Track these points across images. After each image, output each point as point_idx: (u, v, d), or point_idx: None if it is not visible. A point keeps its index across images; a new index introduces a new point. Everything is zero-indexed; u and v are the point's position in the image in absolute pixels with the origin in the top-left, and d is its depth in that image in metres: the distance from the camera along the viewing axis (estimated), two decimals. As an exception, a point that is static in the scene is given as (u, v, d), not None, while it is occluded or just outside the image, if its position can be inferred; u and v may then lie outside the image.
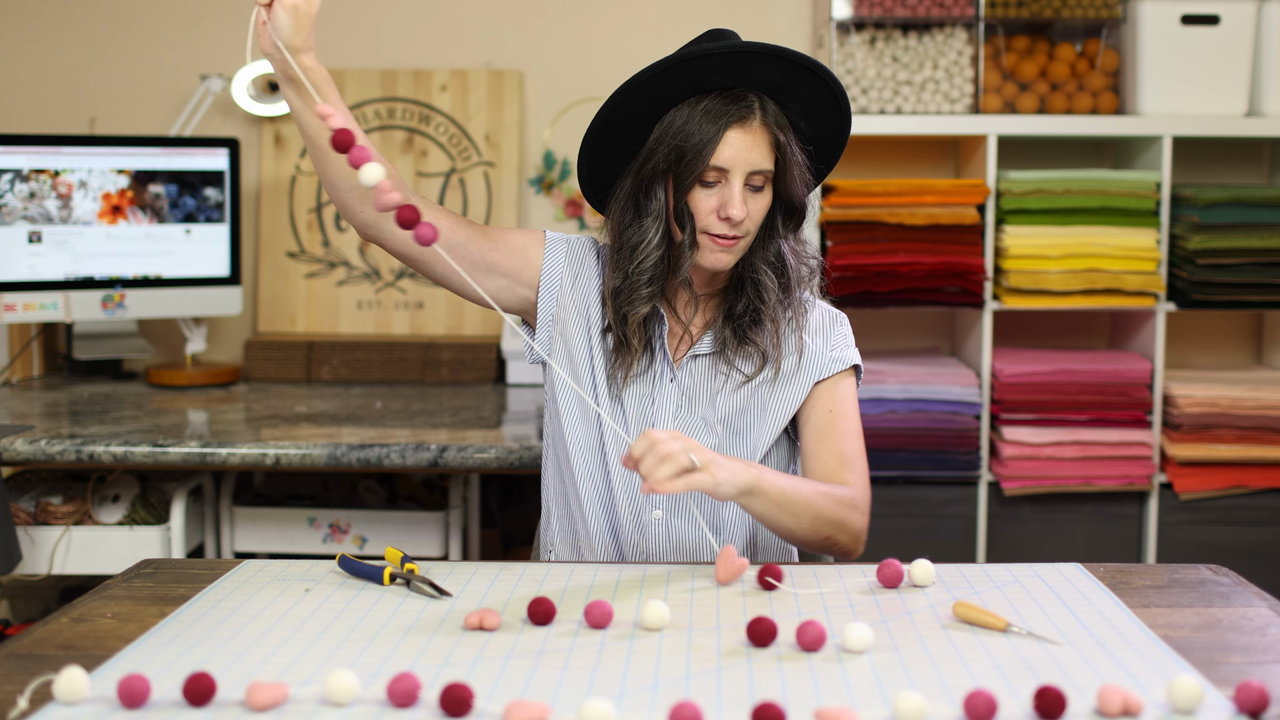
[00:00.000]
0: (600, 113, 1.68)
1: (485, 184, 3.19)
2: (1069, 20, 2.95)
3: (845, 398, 1.76)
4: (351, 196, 1.65)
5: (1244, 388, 2.89)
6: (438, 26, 3.23)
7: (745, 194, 1.64)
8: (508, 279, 1.75)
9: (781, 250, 1.73)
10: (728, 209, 1.62)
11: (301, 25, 1.52)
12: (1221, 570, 1.52)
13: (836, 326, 1.80)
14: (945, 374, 2.89)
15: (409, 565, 1.47)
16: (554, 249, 1.78)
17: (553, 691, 1.15)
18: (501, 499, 2.99)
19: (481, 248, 1.72)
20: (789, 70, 1.64)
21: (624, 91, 1.65)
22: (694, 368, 1.74)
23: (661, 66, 1.63)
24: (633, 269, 1.69)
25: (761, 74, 1.64)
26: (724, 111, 1.63)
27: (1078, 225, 2.85)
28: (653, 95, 1.66)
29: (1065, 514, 2.91)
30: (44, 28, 3.23)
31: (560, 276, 1.77)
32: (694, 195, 1.65)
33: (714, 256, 1.66)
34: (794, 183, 1.67)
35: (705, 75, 1.64)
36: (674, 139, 1.64)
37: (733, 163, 1.63)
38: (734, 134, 1.63)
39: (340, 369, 3.03)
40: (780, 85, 1.66)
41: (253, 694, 1.10)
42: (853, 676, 1.18)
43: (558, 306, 1.76)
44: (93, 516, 2.47)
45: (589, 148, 1.72)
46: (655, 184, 1.66)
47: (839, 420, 1.74)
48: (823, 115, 1.70)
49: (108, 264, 2.92)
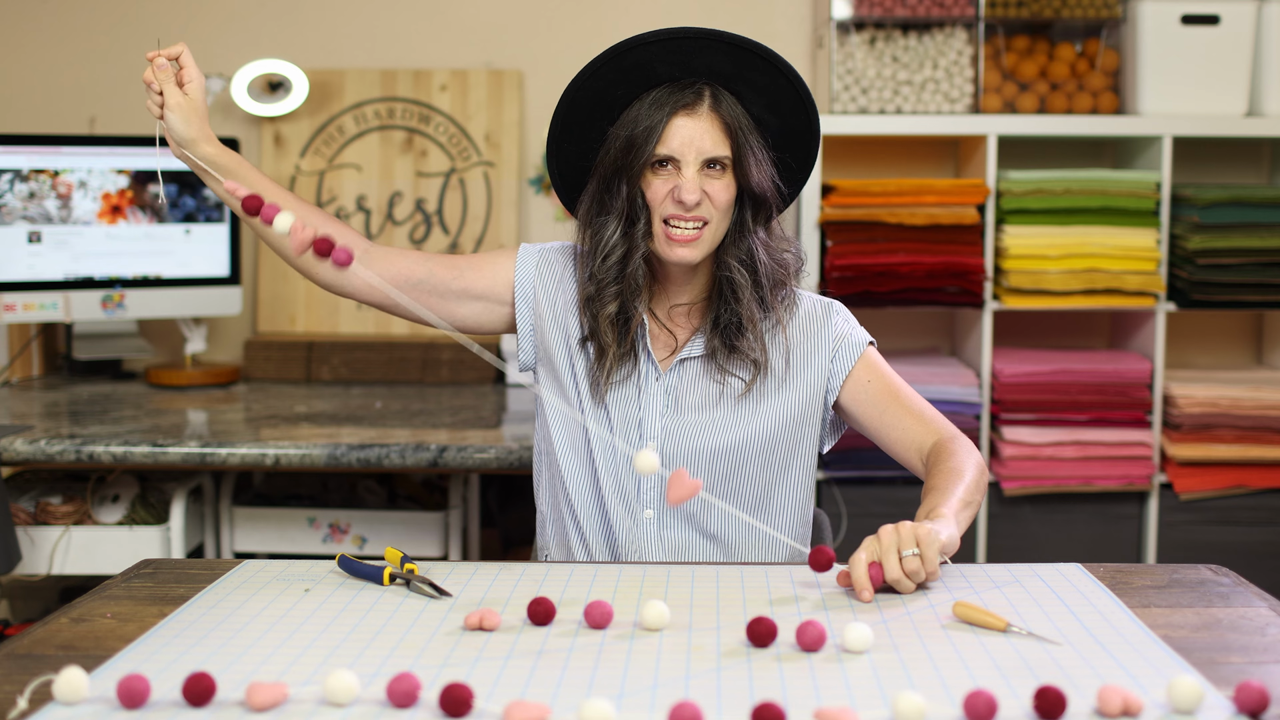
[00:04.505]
0: (556, 115, 1.70)
1: (485, 184, 3.19)
2: (1069, 20, 2.95)
3: (876, 368, 1.74)
4: (303, 263, 1.72)
5: (1244, 388, 2.89)
6: (438, 26, 3.23)
7: (702, 180, 1.64)
8: (482, 301, 1.77)
9: (753, 247, 1.70)
10: (680, 193, 1.62)
11: (191, 120, 1.63)
12: (1221, 570, 1.52)
13: (831, 316, 1.77)
14: (945, 374, 2.89)
15: (409, 565, 1.47)
16: (524, 261, 1.78)
17: (553, 691, 1.15)
18: (501, 499, 2.99)
19: (445, 277, 1.75)
20: (735, 56, 1.64)
21: (573, 89, 1.68)
22: (683, 371, 1.73)
23: (602, 60, 1.65)
24: (597, 266, 1.70)
25: (707, 62, 1.65)
26: (669, 99, 1.64)
27: (1078, 225, 2.85)
28: (604, 93, 1.67)
29: (1065, 514, 2.91)
30: (44, 28, 3.23)
31: (533, 286, 1.77)
32: (648, 184, 1.65)
33: (674, 250, 1.65)
34: (752, 172, 1.66)
35: (651, 68, 1.65)
36: (624, 130, 1.65)
37: (682, 150, 1.63)
38: (681, 120, 1.63)
39: (340, 369, 3.03)
40: (730, 74, 1.66)
41: (252, 694, 1.10)
42: (853, 676, 1.18)
43: (535, 316, 1.77)
44: (92, 516, 2.47)
45: (554, 153, 1.74)
46: (614, 180, 1.67)
47: (884, 384, 1.73)
48: (784, 106, 1.69)
49: (107, 264, 2.92)
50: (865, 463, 2.86)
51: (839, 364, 1.74)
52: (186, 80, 1.64)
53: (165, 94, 1.63)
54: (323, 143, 3.20)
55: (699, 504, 1.73)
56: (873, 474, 2.86)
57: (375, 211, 3.19)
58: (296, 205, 1.72)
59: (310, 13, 3.23)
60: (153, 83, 1.63)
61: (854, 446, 2.83)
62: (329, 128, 3.20)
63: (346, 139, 3.20)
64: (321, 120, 3.20)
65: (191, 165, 1.67)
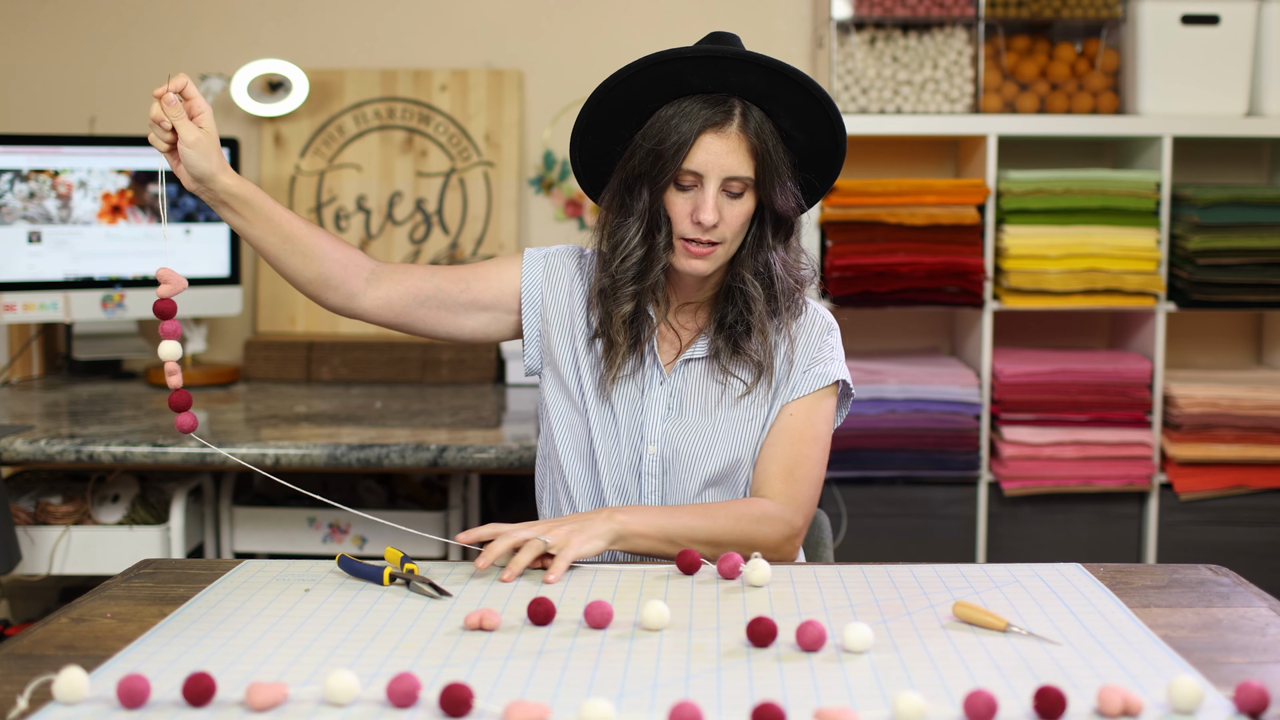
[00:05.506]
0: (582, 112, 1.70)
1: (485, 184, 3.19)
2: (1069, 20, 2.95)
3: (819, 412, 1.73)
4: (314, 289, 1.75)
5: (1244, 388, 2.89)
6: (438, 26, 3.23)
7: (721, 200, 1.63)
8: (490, 312, 1.78)
9: (770, 261, 1.70)
10: (699, 214, 1.62)
11: (209, 153, 1.58)
12: (1221, 570, 1.52)
13: (826, 337, 1.76)
14: (945, 374, 2.89)
15: (409, 565, 1.47)
16: (531, 266, 1.79)
17: (553, 691, 1.15)
18: (501, 499, 2.99)
19: (452, 291, 1.75)
20: (768, 77, 1.63)
21: (602, 91, 1.67)
22: (687, 372, 1.74)
23: (636, 69, 1.64)
24: (616, 267, 1.70)
25: (740, 80, 1.63)
26: (700, 115, 1.62)
27: (1078, 225, 2.85)
28: (633, 95, 1.66)
29: (1065, 514, 2.91)
30: (44, 28, 3.23)
31: (540, 290, 1.77)
32: (670, 198, 1.65)
33: (688, 263, 1.66)
34: (777, 192, 1.65)
35: (683, 77, 1.64)
36: (652, 140, 1.64)
37: (706, 168, 1.62)
38: (709, 138, 1.62)
39: (340, 369, 3.03)
40: (763, 92, 1.64)
41: (252, 694, 1.10)
42: (853, 676, 1.18)
43: (542, 321, 1.78)
44: (92, 516, 2.47)
45: (578, 144, 1.73)
46: (637, 184, 1.67)
47: (803, 428, 1.71)
48: (813, 124, 1.68)
49: (107, 264, 2.92)
50: (865, 463, 2.86)
51: (802, 383, 1.73)
52: (196, 112, 1.57)
53: (180, 131, 1.56)
54: (323, 143, 3.20)
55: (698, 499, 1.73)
56: (873, 474, 2.86)
57: (375, 211, 3.19)
58: (309, 230, 1.72)
59: (310, 13, 3.23)
60: (163, 120, 1.56)
61: (854, 446, 2.84)
62: (329, 128, 3.20)
63: (346, 139, 3.20)
64: (321, 120, 3.20)
65: (208, 201, 1.64)
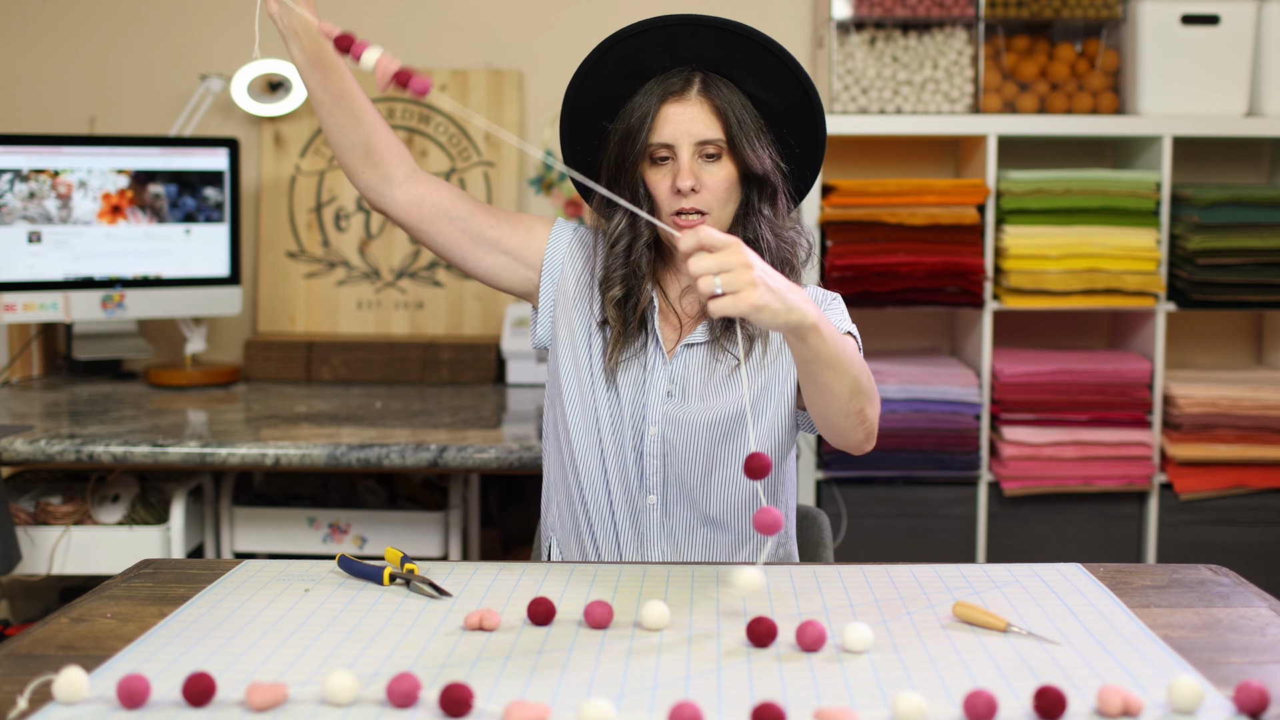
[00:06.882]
0: (561, 120, 1.74)
1: (485, 184, 3.19)
2: (1069, 20, 2.95)
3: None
4: (353, 156, 1.75)
5: (1244, 388, 2.89)
6: (438, 26, 3.23)
7: (698, 166, 1.65)
8: (509, 256, 1.78)
9: (760, 230, 1.71)
10: (677, 181, 1.64)
11: None
12: (1221, 570, 1.52)
13: (831, 303, 1.78)
14: (945, 374, 2.89)
15: (409, 565, 1.47)
16: (560, 233, 1.80)
17: (553, 691, 1.15)
18: (501, 499, 2.99)
19: (483, 223, 1.76)
20: (721, 40, 1.66)
21: (572, 91, 1.71)
22: (689, 357, 1.74)
23: (593, 58, 1.68)
24: (607, 254, 1.73)
25: (694, 50, 1.66)
26: (658, 88, 1.66)
27: (1078, 225, 2.85)
28: (602, 91, 1.70)
29: (1065, 514, 2.91)
30: (44, 28, 3.23)
31: (562, 261, 1.79)
32: (650, 176, 1.68)
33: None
34: (750, 152, 1.66)
35: (641, 61, 1.67)
36: (620, 123, 1.68)
37: (675, 137, 1.65)
38: (671, 108, 1.65)
39: (340, 369, 3.03)
40: (719, 57, 1.67)
41: (252, 694, 1.10)
42: (853, 677, 1.18)
43: (558, 291, 1.79)
44: (92, 516, 2.47)
45: (568, 159, 1.77)
46: (618, 171, 1.69)
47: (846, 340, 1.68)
48: (778, 83, 1.70)
49: (107, 264, 2.92)
50: (865, 463, 2.86)
51: None
52: None
53: None
54: (323, 142, 3.19)
55: (700, 488, 1.73)
56: (873, 474, 2.86)
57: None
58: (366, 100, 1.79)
59: (310, 13, 3.22)
60: None
61: (854, 446, 2.83)
62: (329, 128, 3.20)
63: (346, 139, 3.20)
64: (321, 120, 3.20)
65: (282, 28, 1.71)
